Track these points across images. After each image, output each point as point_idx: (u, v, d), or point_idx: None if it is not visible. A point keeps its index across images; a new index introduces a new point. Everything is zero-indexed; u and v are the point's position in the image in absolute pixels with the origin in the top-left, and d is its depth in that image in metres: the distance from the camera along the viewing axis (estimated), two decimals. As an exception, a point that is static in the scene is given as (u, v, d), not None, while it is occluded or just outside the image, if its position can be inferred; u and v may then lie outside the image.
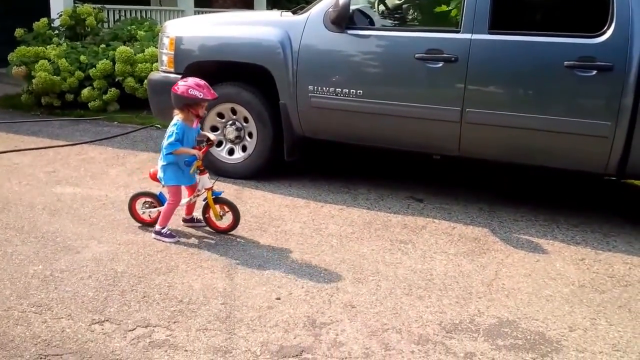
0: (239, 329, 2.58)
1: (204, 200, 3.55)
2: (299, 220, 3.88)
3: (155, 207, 3.60)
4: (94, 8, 8.24)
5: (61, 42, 7.77)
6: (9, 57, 7.42)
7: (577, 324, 2.71)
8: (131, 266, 3.14)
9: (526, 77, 3.84)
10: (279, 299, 2.84)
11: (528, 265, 3.32)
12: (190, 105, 3.38)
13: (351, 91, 4.20)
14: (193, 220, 3.68)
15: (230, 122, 4.65)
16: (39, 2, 8.87)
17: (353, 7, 4.30)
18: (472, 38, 3.88)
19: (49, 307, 2.71)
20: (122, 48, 7.23)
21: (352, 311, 2.76)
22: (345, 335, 2.56)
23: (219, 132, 4.65)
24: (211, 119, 4.63)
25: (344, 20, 4.15)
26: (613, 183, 4.83)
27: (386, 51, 4.21)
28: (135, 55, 7.20)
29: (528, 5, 4.87)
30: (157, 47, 5.32)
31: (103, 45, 7.69)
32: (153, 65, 6.94)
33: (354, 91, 4.19)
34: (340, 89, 4.23)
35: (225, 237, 3.55)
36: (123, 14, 9.49)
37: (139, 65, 7.13)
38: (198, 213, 3.71)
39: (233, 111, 4.62)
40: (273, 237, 3.59)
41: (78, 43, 7.87)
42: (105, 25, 8.84)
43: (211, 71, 4.46)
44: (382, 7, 5.04)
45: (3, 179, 4.56)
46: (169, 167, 3.44)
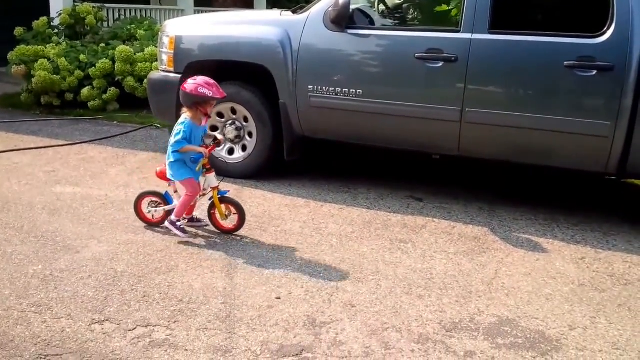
0: (239, 329, 2.58)
1: (210, 199, 3.55)
2: (299, 219, 3.89)
3: (161, 207, 3.60)
4: (94, 7, 8.22)
5: (61, 41, 7.76)
6: (9, 56, 7.41)
7: (577, 323, 2.71)
8: (131, 266, 3.14)
9: (526, 77, 3.84)
10: (279, 299, 2.84)
11: (528, 264, 3.32)
12: (199, 103, 3.38)
13: (351, 91, 4.20)
14: (193, 220, 3.68)
15: (230, 122, 4.65)
16: (39, 1, 8.86)
17: (353, 7, 4.30)
18: (472, 38, 3.88)
19: (49, 307, 2.71)
20: (122, 47, 7.22)
21: (352, 310, 2.76)
22: (345, 334, 2.56)
23: (219, 132, 4.64)
24: (211, 119, 4.62)
25: (344, 19, 4.15)
26: (613, 182, 4.83)
27: (386, 51, 4.21)
28: (135, 54, 7.19)
29: (528, 5, 4.86)
30: (157, 47, 5.32)
31: (103, 44, 7.69)
32: (153, 64, 6.93)
33: (354, 91, 4.19)
34: (340, 89, 4.23)
35: (225, 237, 3.55)
36: (123, 13, 9.48)
37: (139, 64, 7.12)
38: (198, 213, 3.71)
39: (233, 111, 4.62)
40: (273, 237, 3.59)
41: (78, 42, 7.87)
42: (105, 24, 8.83)
43: (211, 70, 4.45)
44: (382, 7, 5.04)
45: (3, 179, 4.56)
46: (177, 164, 3.43)
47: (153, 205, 3.63)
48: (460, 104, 3.93)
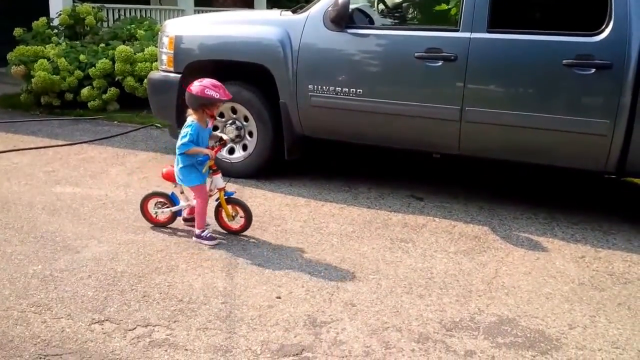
0: (239, 328, 2.58)
1: (216, 200, 3.54)
2: (300, 219, 3.89)
3: (167, 208, 3.59)
4: (94, 7, 8.23)
5: (60, 42, 7.76)
6: (8, 57, 7.41)
7: (577, 322, 2.71)
8: (131, 266, 3.14)
9: (525, 76, 3.84)
10: (279, 298, 2.84)
11: (528, 263, 3.32)
12: (205, 105, 3.36)
13: (351, 90, 4.20)
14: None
15: (230, 121, 4.65)
16: (38, 2, 8.86)
17: (352, 6, 4.30)
18: (471, 37, 3.88)
19: (49, 307, 2.71)
20: (122, 47, 7.22)
21: (353, 310, 2.76)
22: (345, 333, 2.56)
23: (219, 131, 4.64)
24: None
25: (344, 19, 4.15)
26: (612, 181, 4.83)
27: (386, 50, 4.21)
28: (134, 54, 7.19)
29: (527, 4, 4.87)
30: (157, 47, 5.32)
31: (102, 44, 7.69)
32: (153, 64, 6.93)
33: (354, 90, 4.19)
34: (340, 88, 4.23)
35: (225, 237, 3.55)
36: (123, 13, 9.49)
37: (139, 64, 7.12)
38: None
39: (233, 110, 4.62)
40: (273, 236, 3.59)
41: (77, 42, 7.87)
42: (104, 24, 8.83)
43: (211, 70, 4.45)
44: (382, 6, 5.04)
45: (2, 179, 4.56)
46: (186, 169, 3.41)
47: (159, 206, 3.62)
48: (459, 103, 3.93)
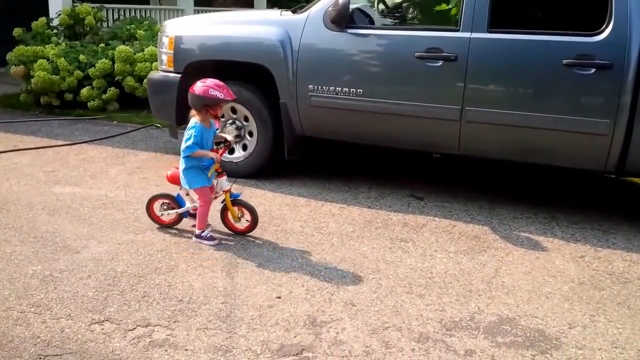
0: (240, 328, 2.58)
1: (222, 202, 3.54)
2: (300, 219, 3.89)
3: (173, 209, 3.58)
4: (93, 7, 8.23)
5: (60, 42, 7.76)
6: (8, 57, 7.41)
7: (577, 321, 2.71)
8: (131, 266, 3.14)
9: (525, 76, 3.84)
10: (280, 298, 2.84)
11: (528, 262, 3.32)
12: (209, 106, 3.34)
13: (351, 90, 4.20)
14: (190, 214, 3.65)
15: (230, 121, 4.65)
16: (38, 2, 8.86)
17: (353, 6, 4.30)
18: (472, 37, 3.88)
19: (49, 307, 2.71)
20: (122, 47, 7.22)
21: (353, 309, 2.76)
22: (345, 333, 2.56)
23: (219, 132, 4.63)
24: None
25: (344, 19, 4.15)
26: (612, 181, 4.83)
27: (386, 50, 4.21)
28: (134, 54, 7.19)
29: (527, 4, 4.87)
30: (157, 47, 5.32)
31: (102, 44, 7.69)
32: (153, 64, 6.93)
33: (354, 90, 4.19)
34: (340, 88, 4.23)
35: (225, 237, 3.55)
36: (122, 13, 9.49)
37: (139, 64, 7.12)
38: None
39: (233, 110, 4.62)
40: (273, 236, 3.59)
41: (77, 42, 7.87)
42: (104, 24, 8.83)
43: (211, 70, 4.45)
44: (382, 6, 5.04)
45: (2, 179, 4.56)
46: (191, 171, 3.39)
47: (165, 207, 3.61)
48: (460, 103, 3.93)
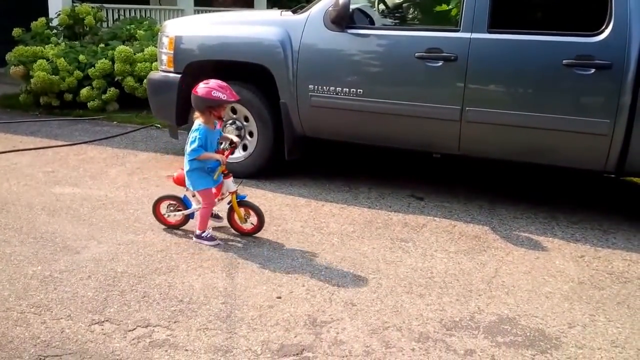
0: (240, 328, 2.58)
1: (229, 203, 3.54)
2: (300, 219, 3.89)
3: (179, 210, 3.57)
4: (93, 7, 8.23)
5: (59, 42, 7.76)
6: (7, 57, 7.41)
7: (577, 321, 2.71)
8: (131, 266, 3.14)
9: (525, 76, 3.85)
10: (280, 298, 2.84)
11: (528, 262, 3.33)
12: (212, 107, 3.33)
13: (351, 90, 4.20)
14: (212, 215, 3.64)
15: (230, 122, 4.64)
16: (37, 2, 8.86)
17: (353, 7, 4.30)
18: (472, 37, 3.88)
19: (49, 308, 2.71)
20: (122, 47, 7.22)
21: (353, 309, 2.76)
22: (345, 333, 2.56)
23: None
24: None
25: (344, 19, 4.15)
26: (612, 180, 4.84)
27: (386, 50, 4.21)
28: (134, 54, 7.19)
29: (527, 4, 4.87)
30: (157, 47, 5.32)
31: (102, 44, 7.69)
32: (152, 64, 6.94)
33: (354, 90, 4.19)
34: (340, 88, 4.23)
35: (226, 237, 3.55)
36: (122, 13, 9.49)
37: (139, 64, 7.12)
38: (217, 208, 3.67)
39: (233, 110, 4.62)
40: (274, 236, 3.59)
41: (77, 42, 7.87)
42: (104, 24, 8.83)
43: (211, 70, 4.46)
44: (382, 6, 5.04)
45: (2, 179, 4.56)
46: (195, 173, 3.38)
47: (171, 208, 3.59)
48: (460, 103, 3.94)
